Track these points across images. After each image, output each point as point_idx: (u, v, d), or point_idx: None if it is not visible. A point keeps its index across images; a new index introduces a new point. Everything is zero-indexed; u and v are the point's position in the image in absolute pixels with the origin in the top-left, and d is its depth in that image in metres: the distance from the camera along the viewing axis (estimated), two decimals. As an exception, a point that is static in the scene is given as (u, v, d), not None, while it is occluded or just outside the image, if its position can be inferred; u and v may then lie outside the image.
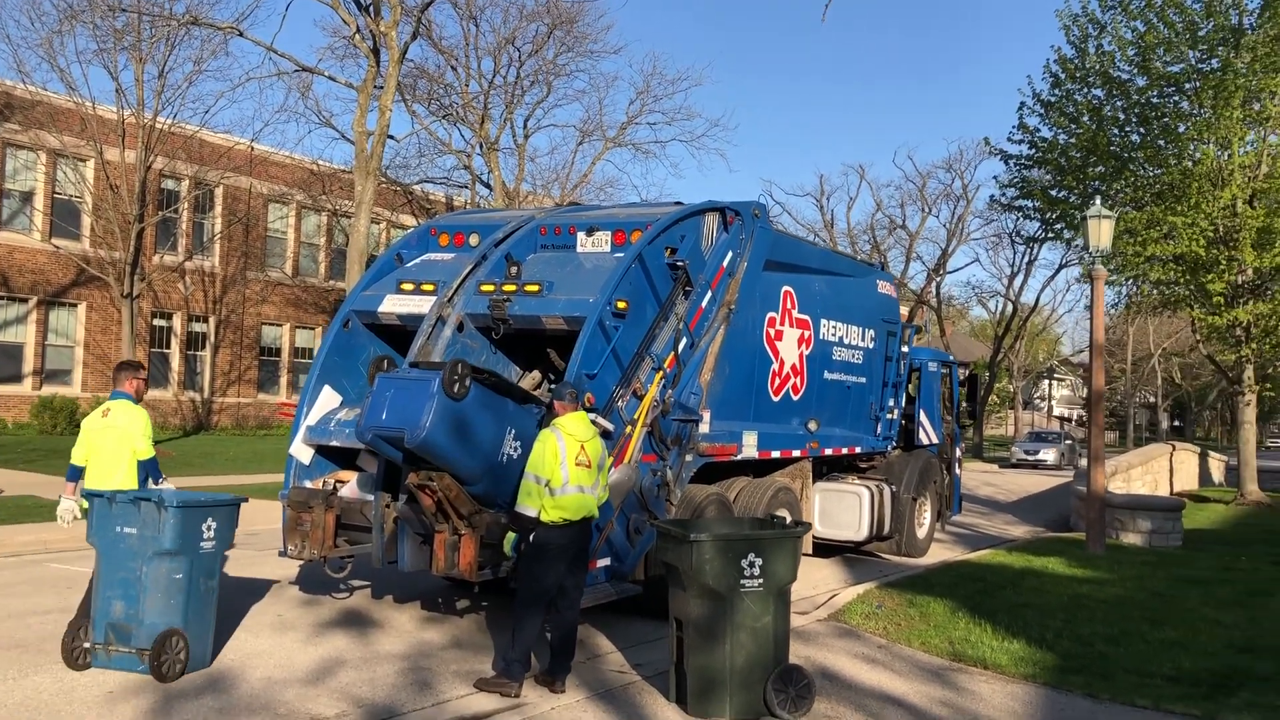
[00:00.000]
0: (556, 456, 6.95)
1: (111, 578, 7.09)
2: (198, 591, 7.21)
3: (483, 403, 7.25)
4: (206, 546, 7.26)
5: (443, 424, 6.96)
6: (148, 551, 6.99)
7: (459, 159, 34.43)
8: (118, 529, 7.09)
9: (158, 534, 6.98)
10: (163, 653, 6.90)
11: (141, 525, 7.03)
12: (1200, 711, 7.05)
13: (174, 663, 6.96)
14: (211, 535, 7.28)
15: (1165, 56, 22.76)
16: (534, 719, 6.45)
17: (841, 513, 12.59)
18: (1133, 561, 13.69)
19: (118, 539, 7.08)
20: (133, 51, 24.11)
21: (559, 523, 6.96)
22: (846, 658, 8.17)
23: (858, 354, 12.75)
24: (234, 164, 31.07)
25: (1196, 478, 31.93)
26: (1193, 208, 21.93)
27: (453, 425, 7.03)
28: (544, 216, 10.01)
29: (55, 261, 28.98)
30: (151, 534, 6.99)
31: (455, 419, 7.04)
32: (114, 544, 7.10)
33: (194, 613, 7.17)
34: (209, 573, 7.35)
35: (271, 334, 36.07)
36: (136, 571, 7.01)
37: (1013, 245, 49.40)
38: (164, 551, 7.00)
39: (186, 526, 7.09)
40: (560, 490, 6.93)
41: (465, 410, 7.08)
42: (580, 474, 7.03)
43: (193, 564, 7.15)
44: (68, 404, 28.25)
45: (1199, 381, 71.24)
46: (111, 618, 7.03)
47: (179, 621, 7.06)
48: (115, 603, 7.05)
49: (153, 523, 6.99)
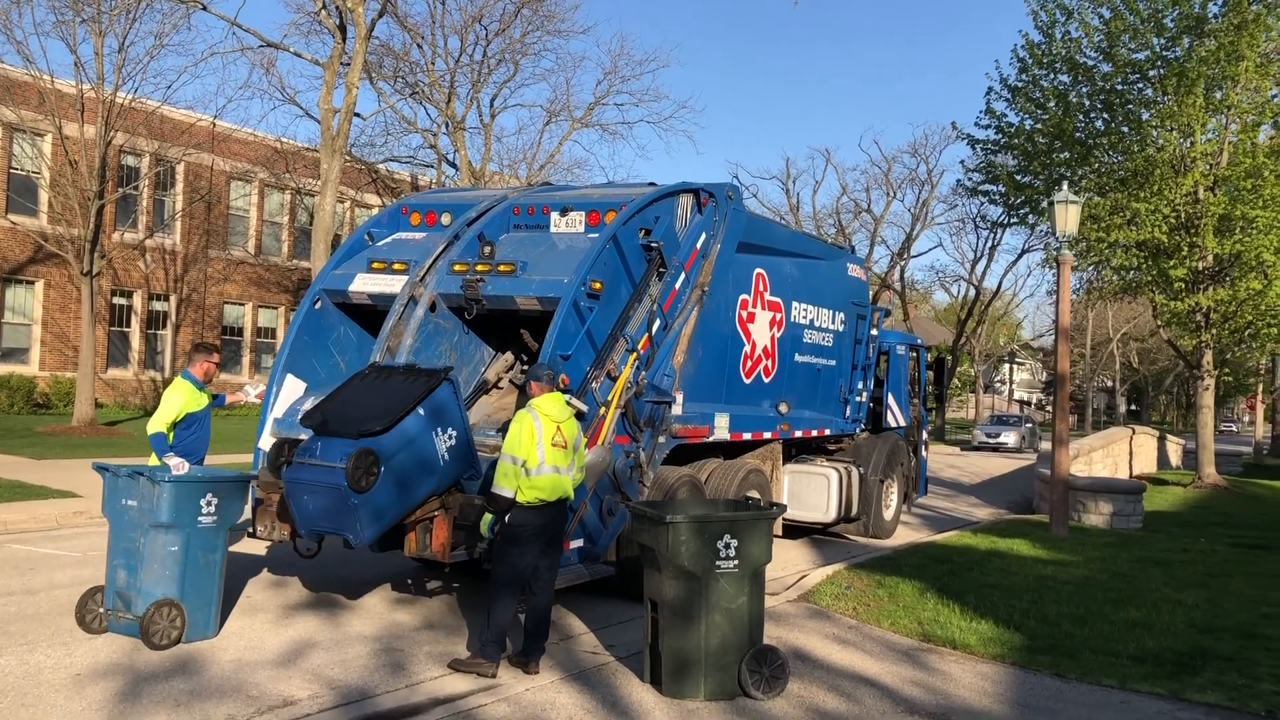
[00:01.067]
0: (533, 437, 6.91)
1: (117, 547, 7.40)
2: (195, 564, 7.37)
3: (400, 444, 7.04)
4: (206, 521, 7.43)
5: (375, 511, 6.97)
6: (145, 524, 7.24)
7: (425, 138, 34.16)
8: (122, 501, 7.38)
9: (154, 507, 7.21)
10: (154, 622, 7.10)
11: (140, 498, 7.29)
12: (1165, 690, 7.17)
13: (166, 632, 7.16)
14: (212, 510, 7.46)
15: (1130, 44, 23.00)
16: (508, 700, 6.44)
17: (810, 494, 12.66)
18: (1095, 543, 13.88)
19: (123, 510, 7.37)
20: (92, 24, 23.60)
21: (534, 504, 6.93)
22: (818, 638, 8.22)
23: (828, 337, 12.79)
24: (196, 140, 30.53)
25: (1155, 461, 32.45)
26: (1155, 194, 22.20)
27: (387, 495, 7.03)
28: (517, 196, 9.94)
29: (12, 238, 28.42)
30: (149, 507, 7.24)
31: (386, 489, 7.00)
32: (120, 515, 7.39)
33: (191, 585, 7.34)
34: (209, 546, 7.47)
35: (234, 313, 35.63)
36: (136, 542, 7.27)
37: (976, 230, 49.87)
38: (160, 524, 7.22)
39: (182, 501, 7.29)
40: (536, 471, 6.90)
41: (389, 471, 6.98)
42: (556, 455, 7.00)
43: (190, 537, 7.33)
44: (25, 383, 27.76)
45: (1156, 366, 72.36)
46: (117, 585, 7.34)
47: (174, 592, 7.25)
48: (120, 571, 7.35)
49: (149, 496, 7.24)
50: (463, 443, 7.44)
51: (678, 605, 6.56)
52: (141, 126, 27.45)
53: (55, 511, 12.61)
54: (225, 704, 6.16)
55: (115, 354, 31.74)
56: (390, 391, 7.30)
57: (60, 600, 8.39)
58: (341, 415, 7.17)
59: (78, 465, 17.36)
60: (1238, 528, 17.67)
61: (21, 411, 27.12)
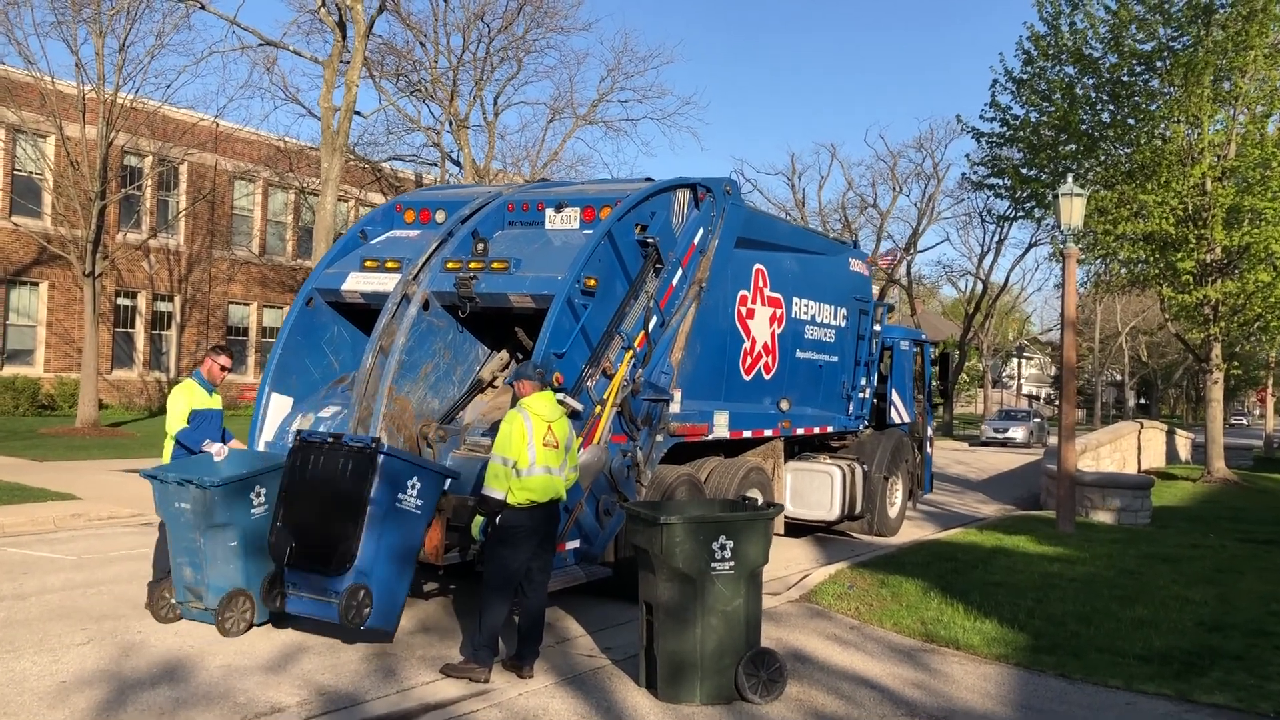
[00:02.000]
0: (524, 437, 6.79)
1: (179, 546, 7.73)
2: (254, 552, 7.64)
3: (377, 541, 7.00)
4: (257, 513, 7.70)
5: (386, 602, 7.13)
6: (203, 525, 7.53)
7: (428, 136, 34.04)
8: (175, 504, 7.65)
9: (208, 510, 7.50)
10: (227, 611, 7.51)
11: (193, 502, 7.56)
12: (1172, 691, 7.02)
13: (239, 620, 7.58)
14: (261, 501, 7.72)
15: (1137, 34, 22.78)
16: (500, 705, 6.32)
17: (813, 492, 12.51)
18: (1103, 540, 13.72)
19: (177, 513, 7.66)
20: (92, 24, 23.56)
21: (526, 505, 6.81)
22: (818, 639, 8.09)
23: (830, 332, 12.65)
24: (198, 140, 30.48)
25: (1164, 455, 32.22)
26: (1163, 186, 21.99)
27: (388, 581, 7.13)
28: (512, 193, 9.82)
29: (16, 239, 28.40)
30: (202, 510, 7.52)
31: (384, 584, 7.08)
32: (175, 518, 7.69)
33: (254, 573, 7.66)
34: (263, 533, 7.60)
35: (238, 313, 35.60)
36: (196, 542, 7.59)
37: (983, 224, 49.76)
38: (216, 525, 7.53)
39: (232, 500, 7.58)
40: (527, 471, 6.78)
41: (379, 574, 7.03)
42: (548, 455, 6.87)
43: (244, 531, 7.62)
44: (30, 385, 27.75)
45: (1165, 360, 71.97)
46: (185, 581, 7.73)
47: (241, 582, 7.62)
48: (185, 569, 7.71)
49: (201, 501, 7.51)
50: (428, 475, 7.30)
51: (673, 608, 6.43)
52: (144, 127, 27.42)
53: (54, 514, 12.54)
54: (211, 712, 6.05)
55: (120, 355, 31.72)
56: (337, 490, 7.03)
57: (51, 605, 8.30)
58: (305, 545, 7.08)
59: (79, 467, 17.31)
60: (1248, 523, 17.48)
61: (26, 413, 27.10)
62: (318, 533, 7.06)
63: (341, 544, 6.96)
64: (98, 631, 7.58)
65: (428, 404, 8.65)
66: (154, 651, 7.19)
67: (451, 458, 8.38)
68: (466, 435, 8.55)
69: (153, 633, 7.64)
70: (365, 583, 6.98)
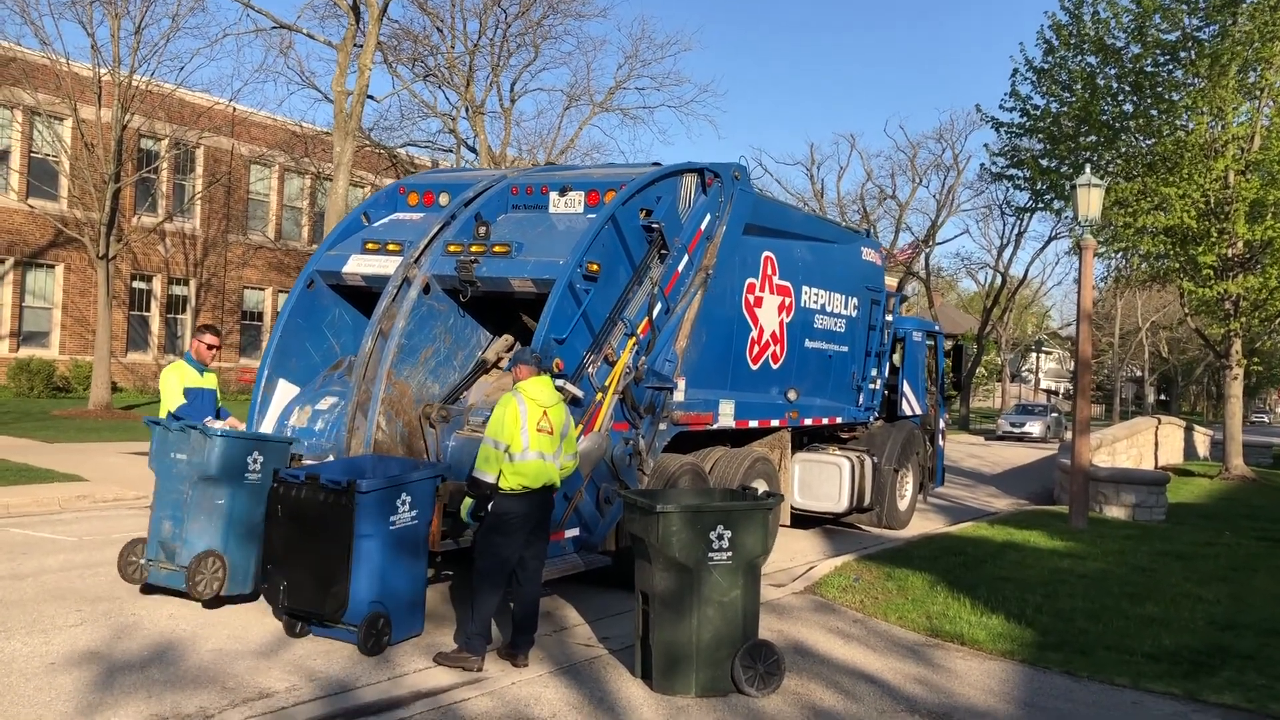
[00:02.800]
0: (517, 421, 6.68)
1: (164, 499, 7.62)
2: (239, 519, 7.55)
3: (377, 569, 6.86)
4: (252, 478, 7.62)
5: (408, 614, 7.11)
6: (195, 476, 7.47)
7: (444, 122, 33.93)
8: (171, 455, 7.63)
9: (204, 460, 7.45)
10: (198, 571, 7.30)
11: (191, 452, 7.52)
12: (1180, 690, 6.87)
13: (210, 582, 7.37)
14: (258, 469, 7.65)
15: (1162, 24, 22.44)
16: (492, 694, 6.22)
17: (821, 484, 12.38)
18: (1115, 535, 13.53)
19: (171, 464, 7.61)
20: (108, 6, 23.54)
21: (518, 490, 6.69)
22: (821, 632, 7.96)
23: (840, 322, 12.48)
24: (214, 124, 30.49)
25: (1181, 451, 31.90)
26: (1185, 179, 21.67)
27: (404, 593, 7.09)
28: (516, 176, 9.70)
29: (32, 222, 28.48)
30: (199, 460, 7.47)
31: (398, 595, 7.03)
32: (168, 469, 7.63)
33: (235, 538, 7.53)
34: (253, 503, 7.57)
35: (254, 298, 35.65)
36: (184, 494, 7.50)
37: (1002, 217, 49.30)
38: (208, 477, 7.46)
39: (230, 456, 7.51)
40: (520, 456, 6.66)
41: (389, 598, 6.96)
42: (541, 440, 6.75)
43: (234, 493, 7.54)
44: (45, 366, 27.84)
45: (1186, 356, 71.32)
46: (161, 536, 7.57)
47: (218, 544, 7.48)
48: (165, 522, 7.57)
49: (200, 449, 7.47)
50: (417, 486, 7.12)
51: (669, 598, 6.32)
52: (160, 110, 27.41)
53: (59, 495, 12.52)
54: (199, 695, 5.97)
55: (135, 338, 31.80)
56: (328, 531, 6.85)
57: (47, 586, 8.25)
58: (303, 595, 6.93)
59: (89, 449, 17.33)
60: (1265, 520, 17.24)
61: (41, 395, 27.20)
62: (310, 577, 6.89)
63: (334, 587, 6.78)
64: (91, 613, 7.51)
65: (427, 388, 8.54)
66: (146, 634, 7.12)
67: (455, 438, 8.27)
68: (470, 416, 8.43)
69: (146, 615, 7.57)
70: (383, 610, 6.85)
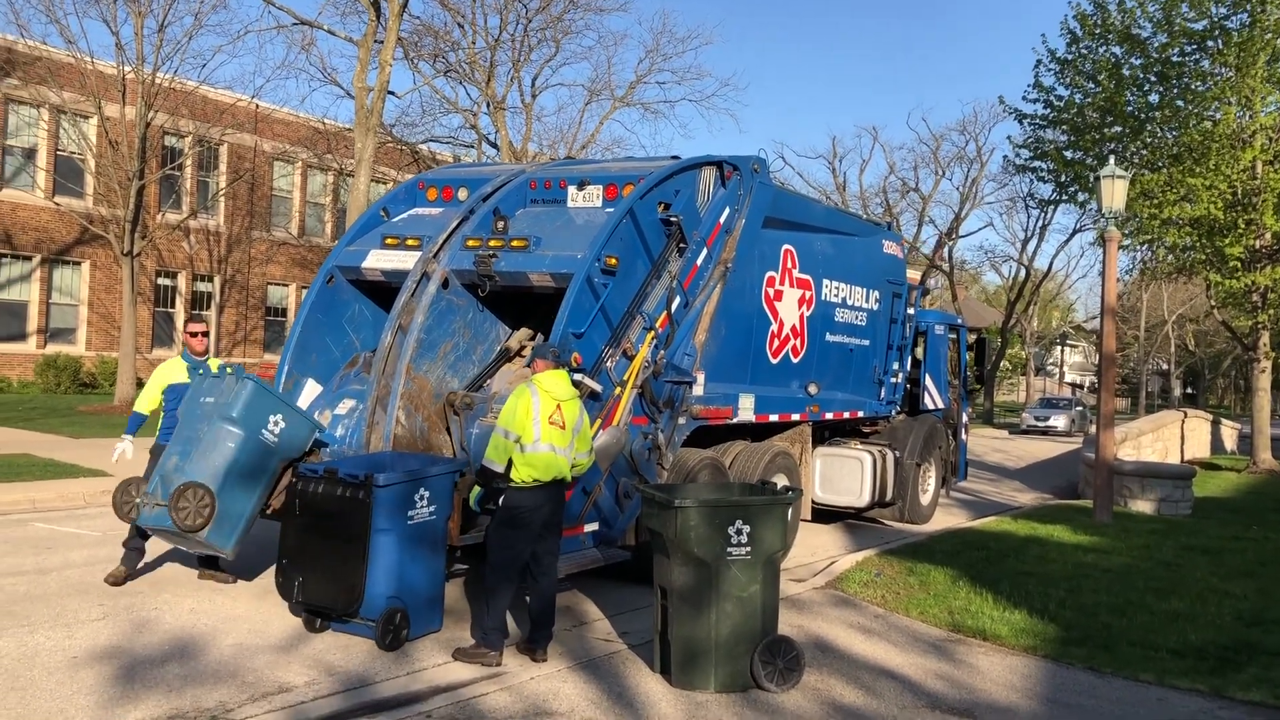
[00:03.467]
0: (529, 413, 6.64)
1: (180, 437, 7.54)
2: (240, 470, 7.36)
3: (396, 571, 6.91)
4: (268, 437, 7.50)
5: (422, 614, 7.14)
6: (215, 416, 7.39)
7: (465, 118, 33.95)
8: (201, 399, 7.59)
9: (229, 401, 7.39)
10: (183, 498, 7.08)
11: (219, 395, 7.48)
12: (1206, 686, 6.79)
13: (194, 513, 7.09)
14: (276, 431, 7.53)
15: (1188, 13, 22.15)
16: (511, 689, 6.21)
17: (843, 478, 12.30)
18: (1140, 530, 13.40)
19: (198, 407, 7.57)
20: (132, 4, 23.69)
21: (529, 483, 6.65)
22: (841, 627, 7.92)
23: (861, 315, 12.41)
24: (237, 121, 30.65)
25: (1208, 445, 31.58)
26: (1212, 169, 21.41)
27: (420, 586, 7.11)
28: (535, 170, 9.67)
29: (58, 219, 28.72)
30: (224, 401, 7.41)
31: (418, 584, 7.08)
32: (193, 411, 7.59)
33: (230, 487, 7.30)
34: (259, 464, 7.48)
35: (277, 294, 35.83)
36: (199, 430, 7.40)
37: (1026, 209, 48.86)
38: (227, 417, 7.35)
39: (255, 404, 7.44)
40: (531, 447, 6.62)
41: (409, 594, 6.99)
42: (553, 433, 6.70)
43: (246, 442, 7.38)
44: (71, 363, 28.10)
45: (1213, 348, 70.64)
46: (164, 470, 7.40)
47: (214, 484, 7.21)
48: (173, 457, 7.43)
49: (229, 391, 7.44)
50: (435, 480, 7.14)
51: (687, 593, 6.29)
52: (183, 107, 27.58)
53: (84, 490, 12.61)
54: (219, 690, 6.00)
55: (160, 334, 32.03)
56: (346, 526, 6.89)
57: (71, 580, 8.31)
58: (319, 590, 6.98)
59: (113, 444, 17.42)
60: (1293, 515, 17.01)
61: (68, 391, 27.45)
62: (326, 571, 6.93)
63: (350, 582, 6.80)
64: (114, 607, 7.56)
65: (446, 383, 8.54)
66: (167, 628, 7.17)
67: (478, 425, 8.25)
68: (494, 404, 8.40)
69: (168, 610, 7.62)
70: (400, 605, 6.86)
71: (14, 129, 28.34)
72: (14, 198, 28.17)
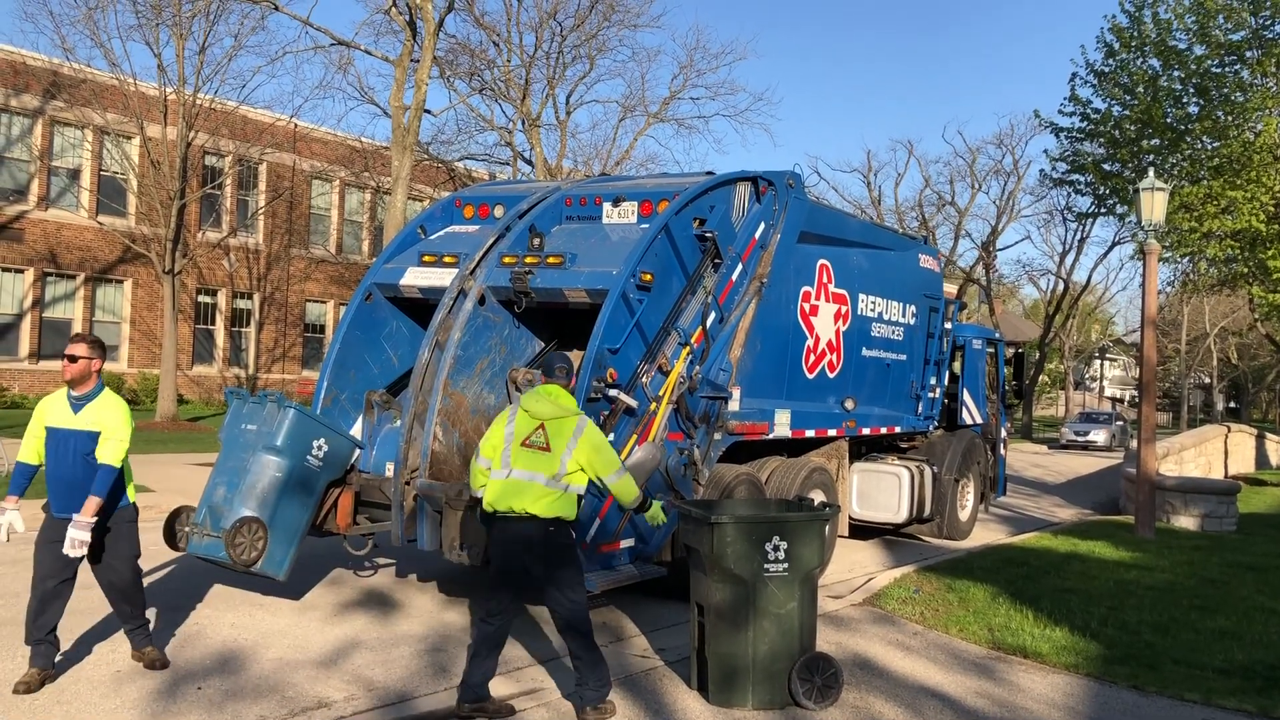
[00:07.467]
0: (499, 435, 6.10)
1: (223, 468, 7.60)
2: (291, 497, 7.53)
3: None
4: (312, 462, 7.68)
5: None
6: (259, 445, 7.49)
7: (500, 135, 34.22)
8: (242, 426, 7.66)
9: (272, 430, 7.50)
10: (239, 534, 7.19)
11: (261, 423, 7.56)
12: (1253, 706, 6.66)
13: (249, 547, 7.25)
14: (320, 456, 7.73)
15: (1225, 24, 21.94)
16: (550, 705, 6.22)
17: (880, 494, 12.23)
18: (1183, 546, 13.21)
19: (240, 434, 7.64)
20: (173, 27, 24.11)
21: (488, 513, 6.04)
22: (880, 645, 7.86)
23: (898, 330, 12.35)
24: (276, 140, 31.07)
25: (1253, 460, 31.05)
26: (1253, 181, 21.15)
27: None
28: (570, 187, 9.72)
29: (102, 238, 29.22)
30: (267, 430, 7.52)
31: None
32: (235, 438, 7.66)
33: (282, 515, 7.47)
34: (308, 488, 7.66)
35: (315, 311, 36.19)
36: (244, 462, 7.48)
37: (1064, 222, 48.39)
38: (272, 448, 7.48)
39: (298, 432, 7.57)
40: (495, 474, 6.02)
41: None
42: (526, 458, 5.93)
43: (293, 470, 7.54)
44: (113, 379, 28.51)
45: (1256, 362, 69.54)
46: (213, 501, 7.46)
47: (265, 516, 7.38)
48: (219, 488, 7.49)
49: (270, 420, 7.54)
50: None
51: (724, 610, 6.27)
52: (223, 127, 27.99)
53: (126, 506, 12.74)
54: (260, 704, 6.05)
55: (200, 351, 32.44)
56: None
57: (114, 595, 8.40)
58: None
59: (155, 460, 17.67)
60: (1341, 531, 16.70)
61: (110, 408, 27.80)
62: None
63: None
64: (156, 623, 7.62)
65: (483, 399, 8.59)
66: (210, 642, 7.24)
67: None
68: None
69: (209, 624, 7.70)
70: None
71: (59, 150, 28.88)
72: (59, 217, 28.68)
